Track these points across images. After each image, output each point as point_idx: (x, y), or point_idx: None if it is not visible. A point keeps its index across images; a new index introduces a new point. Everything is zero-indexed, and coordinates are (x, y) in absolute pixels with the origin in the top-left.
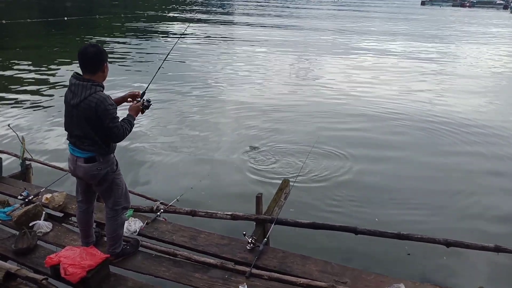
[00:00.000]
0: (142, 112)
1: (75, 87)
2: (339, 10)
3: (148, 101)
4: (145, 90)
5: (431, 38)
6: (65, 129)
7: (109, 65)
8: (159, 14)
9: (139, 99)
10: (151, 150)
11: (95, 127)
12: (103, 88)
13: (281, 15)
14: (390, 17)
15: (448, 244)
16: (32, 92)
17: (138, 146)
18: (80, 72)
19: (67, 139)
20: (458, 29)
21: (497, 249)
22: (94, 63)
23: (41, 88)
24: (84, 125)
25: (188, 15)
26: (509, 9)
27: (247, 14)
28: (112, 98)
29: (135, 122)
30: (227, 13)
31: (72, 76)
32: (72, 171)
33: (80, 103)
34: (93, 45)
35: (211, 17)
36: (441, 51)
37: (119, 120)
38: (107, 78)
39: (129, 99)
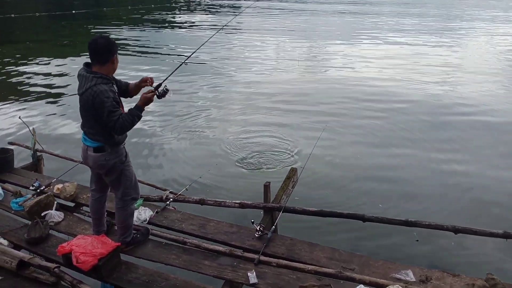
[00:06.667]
0: (159, 98)
1: (81, 78)
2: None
3: (165, 91)
4: (162, 82)
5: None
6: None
7: (118, 56)
8: (166, 5)
9: (152, 88)
10: (160, 141)
11: (96, 118)
12: (108, 80)
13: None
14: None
15: (456, 230)
16: (42, 85)
17: (147, 137)
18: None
19: (80, 128)
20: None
21: (506, 236)
22: (103, 54)
23: (51, 81)
24: (88, 116)
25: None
26: None
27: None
28: (129, 86)
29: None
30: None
31: (82, 66)
32: (83, 160)
33: (82, 95)
34: (103, 36)
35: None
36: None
37: (120, 112)
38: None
39: (142, 84)
